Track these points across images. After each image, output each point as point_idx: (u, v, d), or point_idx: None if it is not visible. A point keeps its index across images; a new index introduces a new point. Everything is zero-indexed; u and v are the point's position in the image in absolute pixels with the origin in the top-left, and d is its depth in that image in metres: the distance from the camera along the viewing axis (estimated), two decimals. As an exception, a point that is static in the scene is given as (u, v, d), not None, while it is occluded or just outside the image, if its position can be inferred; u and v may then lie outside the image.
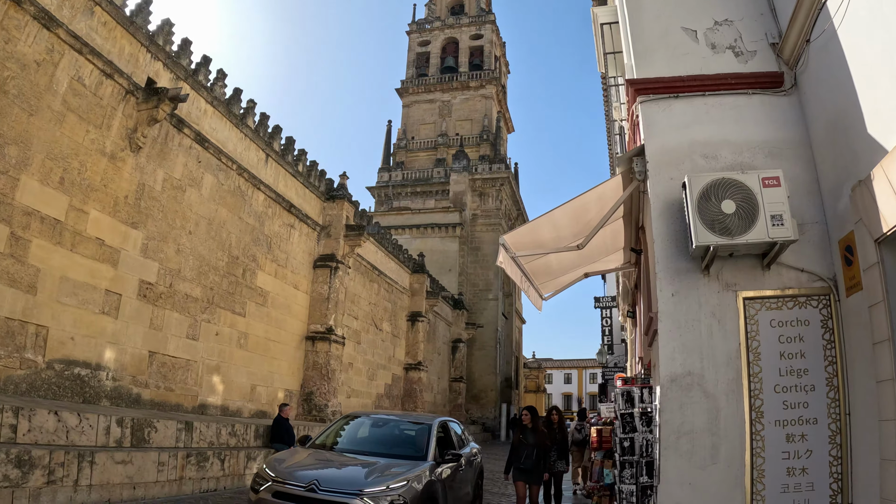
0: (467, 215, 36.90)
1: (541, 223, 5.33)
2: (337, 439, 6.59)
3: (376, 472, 5.37)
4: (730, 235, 4.34)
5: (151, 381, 11.08)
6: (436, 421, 6.67)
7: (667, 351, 4.38)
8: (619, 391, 4.22)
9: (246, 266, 13.80)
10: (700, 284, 4.59)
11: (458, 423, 8.07)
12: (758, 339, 4.48)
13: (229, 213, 13.51)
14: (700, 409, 4.23)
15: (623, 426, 4.17)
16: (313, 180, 16.85)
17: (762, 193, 4.43)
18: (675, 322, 4.47)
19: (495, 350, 35.24)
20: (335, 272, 16.14)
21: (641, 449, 4.02)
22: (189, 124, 12.59)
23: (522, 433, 7.08)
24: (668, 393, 4.27)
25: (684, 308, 4.52)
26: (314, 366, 15.41)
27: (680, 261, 4.66)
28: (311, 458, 5.94)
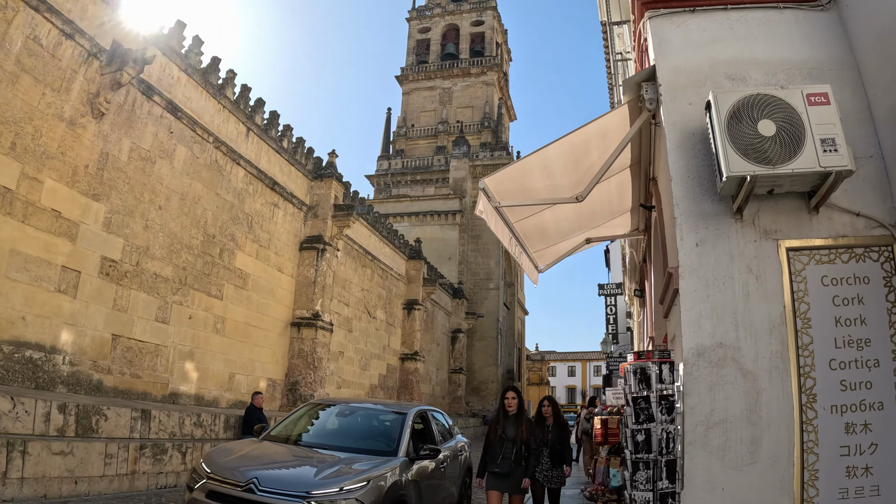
0: (468, 202, 35.86)
1: (531, 165, 4.33)
2: (296, 430, 5.64)
3: (331, 471, 4.42)
4: (770, 164, 3.35)
5: (115, 366, 10.17)
6: (411, 410, 5.71)
7: (691, 316, 3.40)
8: (631, 367, 3.24)
9: (224, 246, 12.85)
10: (731, 232, 3.61)
11: (443, 414, 7.09)
12: (807, 300, 3.49)
13: (205, 189, 12.56)
14: (735, 392, 3.25)
15: (636, 414, 3.17)
16: (300, 158, 15.87)
17: (808, 113, 3.47)
18: (700, 279, 3.49)
19: (496, 341, 34.29)
20: (322, 254, 15.18)
21: (660, 444, 3.03)
22: (160, 92, 11.63)
23: (501, 423, 5.35)
24: (693, 371, 3.28)
25: (712, 261, 3.53)
26: (300, 354, 14.48)
27: (705, 202, 3.68)
28: (259, 452, 4.99)
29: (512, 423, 5.30)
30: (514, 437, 5.22)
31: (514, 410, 5.34)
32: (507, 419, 5.36)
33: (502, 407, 5.42)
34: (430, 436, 5.96)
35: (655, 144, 4.79)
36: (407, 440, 5.21)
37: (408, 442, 5.21)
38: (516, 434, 5.23)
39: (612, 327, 24.54)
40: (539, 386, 62.31)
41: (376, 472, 4.57)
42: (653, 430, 3.06)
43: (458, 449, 6.81)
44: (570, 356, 68.66)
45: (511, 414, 5.40)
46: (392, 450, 5.04)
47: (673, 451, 3.06)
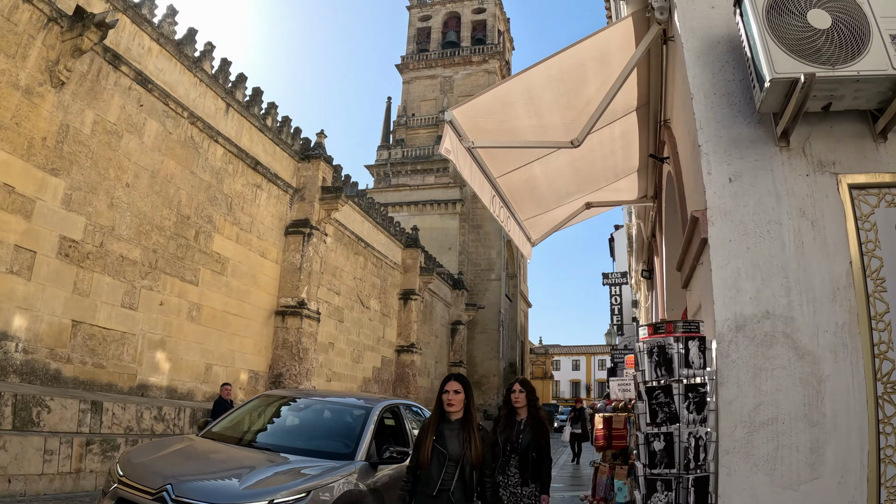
0: (468, 191, 34.86)
1: (513, 93, 3.41)
2: (242, 427, 4.77)
3: (261, 478, 3.55)
4: (827, 64, 2.45)
5: (75, 355, 9.34)
6: (378, 405, 4.81)
7: (726, 275, 2.50)
8: (645, 346, 2.37)
9: (200, 228, 11.99)
10: (775, 163, 2.70)
11: (422, 409, 6.20)
12: (878, 254, 2.58)
13: (179, 167, 11.69)
14: (789, 380, 2.34)
15: (652, 412, 2.23)
16: (285, 137, 14.98)
17: (870, 2, 2.57)
18: (737, 226, 2.58)
19: (498, 333, 33.40)
20: (309, 239, 14.30)
21: (686, 454, 2.10)
22: (128, 61, 10.75)
23: (438, 428, 3.31)
24: (730, 351, 2.38)
25: (752, 202, 2.62)
26: (284, 344, 13.63)
27: (738, 125, 2.77)
28: (188, 452, 4.14)
29: (454, 431, 3.26)
30: (458, 454, 3.20)
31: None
32: (443, 421, 3.31)
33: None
34: (404, 436, 5.07)
35: (668, 74, 3.86)
36: (368, 441, 4.32)
37: (369, 443, 4.32)
38: (460, 447, 3.21)
39: (616, 318, 23.59)
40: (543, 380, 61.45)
41: (322, 479, 3.69)
42: (676, 434, 2.15)
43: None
44: (574, 350, 67.74)
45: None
46: (349, 452, 4.16)
47: (705, 465, 2.16)
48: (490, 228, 34.63)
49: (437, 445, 3.19)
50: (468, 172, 3.74)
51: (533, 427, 4.05)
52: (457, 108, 3.38)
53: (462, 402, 3.33)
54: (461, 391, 3.35)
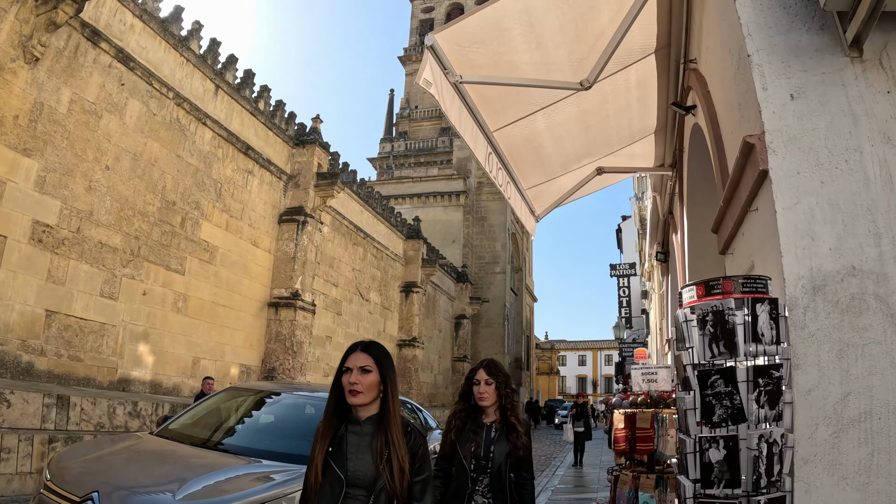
0: (472, 183, 34.21)
1: (509, 12, 2.75)
2: (201, 424, 4.16)
3: (209, 485, 2.93)
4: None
5: (49, 347, 8.78)
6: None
7: (795, 220, 1.85)
8: (694, 313, 1.72)
9: (186, 214, 11.40)
10: (847, 77, 2.05)
11: (422, 410, 5.56)
12: None
13: (163, 149, 11.09)
14: (886, 360, 1.71)
15: (706, 407, 1.60)
16: (279, 122, 14.36)
17: None
18: (806, 154, 1.93)
19: (503, 328, 32.74)
20: (303, 227, 13.70)
21: (757, 465, 1.49)
22: (108, 38, 10.16)
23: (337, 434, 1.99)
24: (805, 321, 1.75)
25: (822, 124, 1.98)
26: (277, 337, 13.05)
27: (795, 31, 2.12)
28: (130, 453, 3.54)
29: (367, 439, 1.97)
30: (367, 481, 1.92)
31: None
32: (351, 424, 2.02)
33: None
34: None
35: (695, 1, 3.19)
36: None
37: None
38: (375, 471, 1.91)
39: (625, 311, 22.87)
40: (549, 375, 60.81)
41: (284, 488, 3.07)
42: (742, 438, 1.51)
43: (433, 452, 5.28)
44: (580, 345, 67.04)
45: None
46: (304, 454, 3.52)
47: (780, 481, 1.51)
48: (494, 221, 33.95)
49: (330, 463, 1.89)
50: (456, 115, 3.10)
51: (508, 434, 2.69)
52: (439, 32, 2.73)
53: (375, 387, 1.95)
54: (372, 368, 1.95)
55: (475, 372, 2.81)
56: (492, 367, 2.83)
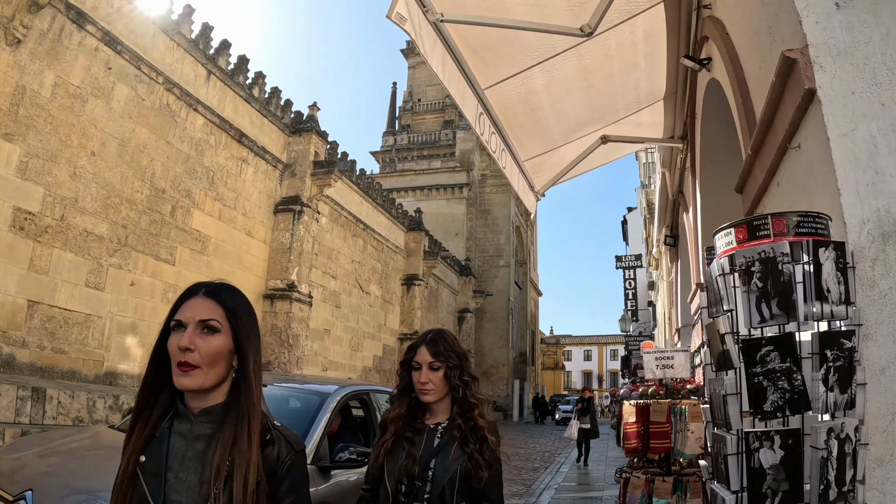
0: (475, 175, 33.76)
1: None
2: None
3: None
4: None
5: (32, 338, 8.45)
6: (338, 392, 3.80)
7: (853, 149, 1.45)
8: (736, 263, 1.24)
9: (177, 202, 11.05)
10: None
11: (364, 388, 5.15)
12: None
13: (153, 136, 10.73)
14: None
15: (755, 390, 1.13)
16: (274, 109, 13.98)
17: None
18: (859, 70, 1.54)
19: (507, 322, 32.34)
20: (299, 217, 13.32)
21: (825, 469, 1.02)
22: (94, 20, 9.80)
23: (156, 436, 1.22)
24: (874, 278, 1.33)
25: (876, 37, 1.58)
26: (273, 330, 12.69)
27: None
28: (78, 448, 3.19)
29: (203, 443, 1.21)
30: None
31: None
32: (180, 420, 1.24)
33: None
34: (374, 428, 4.07)
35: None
36: (317, 438, 3.32)
37: (318, 441, 3.32)
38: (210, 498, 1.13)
39: (631, 303, 22.41)
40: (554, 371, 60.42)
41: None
42: (806, 433, 1.08)
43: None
44: (586, 339, 66.60)
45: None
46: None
47: (854, 492, 1.09)
48: (498, 213, 33.53)
49: (139, 480, 1.17)
50: (438, 62, 2.69)
51: (465, 443, 1.79)
52: (413, -47, 2.32)
53: (222, 359, 1.24)
54: (221, 326, 1.25)
55: (414, 351, 1.85)
56: (438, 341, 1.84)
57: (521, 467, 11.25)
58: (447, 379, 1.82)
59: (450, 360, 1.84)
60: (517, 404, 31.17)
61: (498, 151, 3.72)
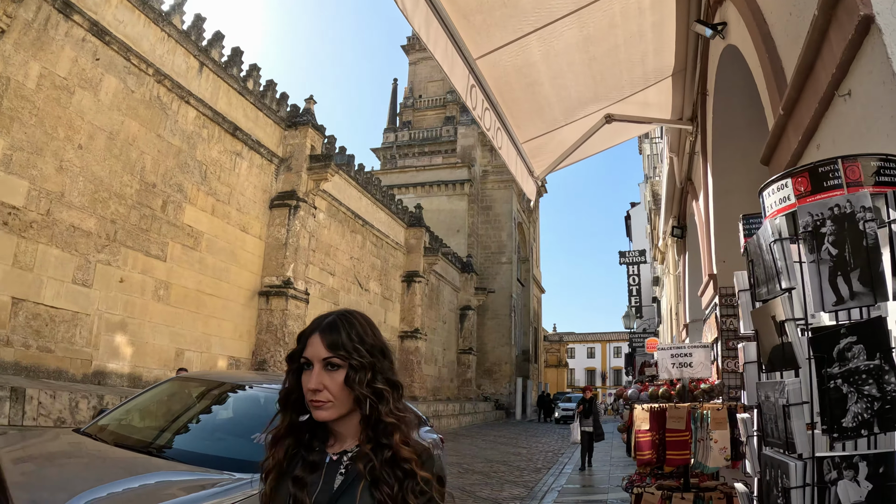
0: (477, 171, 33.42)
1: None
2: (129, 421, 3.50)
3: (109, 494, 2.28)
4: None
5: (16, 337, 8.19)
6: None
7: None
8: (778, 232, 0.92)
9: (168, 197, 10.76)
10: None
11: None
12: None
13: (143, 129, 10.45)
14: None
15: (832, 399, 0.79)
16: (269, 102, 13.68)
17: None
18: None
19: (510, 319, 32.02)
20: (295, 212, 13.03)
21: None
22: (81, 10, 9.52)
23: None
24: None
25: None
26: (268, 328, 12.42)
27: None
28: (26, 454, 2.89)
29: None
30: None
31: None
32: None
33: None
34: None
35: None
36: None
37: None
38: None
39: (635, 299, 22.05)
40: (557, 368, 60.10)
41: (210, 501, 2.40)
42: None
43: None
44: (589, 337, 66.26)
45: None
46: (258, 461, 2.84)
47: None
48: (500, 210, 33.20)
49: None
50: (422, 22, 2.38)
51: (376, 483, 1.15)
52: None
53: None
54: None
55: (304, 341, 1.23)
56: (339, 327, 1.21)
57: (524, 468, 10.94)
58: (350, 383, 1.17)
59: (355, 356, 1.18)
60: (520, 402, 30.86)
61: (493, 130, 3.40)
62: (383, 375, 1.22)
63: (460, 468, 10.48)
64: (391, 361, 1.28)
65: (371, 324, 1.28)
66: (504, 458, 12.42)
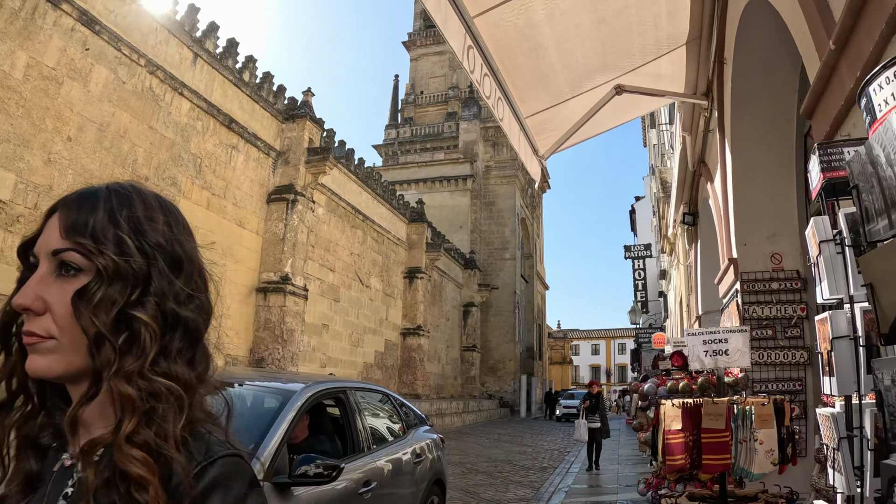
0: (479, 167, 33.09)
1: None
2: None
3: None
4: None
5: (3, 337, 7.91)
6: (306, 390, 3.19)
7: None
8: None
9: (161, 191, 10.16)
10: None
11: (387, 394, 4.59)
12: None
13: (134, 120, 10.17)
14: None
15: None
16: (266, 95, 13.38)
17: None
18: None
19: (514, 315, 31.70)
20: (293, 206, 12.74)
21: None
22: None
23: None
24: None
25: None
26: (266, 325, 12.14)
27: None
28: None
29: None
30: None
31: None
32: None
33: None
34: (353, 434, 3.47)
35: None
36: (273, 448, 2.72)
37: (275, 452, 2.71)
38: None
39: (640, 294, 21.69)
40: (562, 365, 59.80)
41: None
42: None
43: (417, 452, 4.30)
44: (593, 334, 65.89)
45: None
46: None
47: None
48: (503, 205, 32.87)
49: None
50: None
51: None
52: None
53: None
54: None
55: (44, 221, 0.74)
56: (95, 201, 0.75)
57: (529, 467, 10.63)
58: (85, 308, 0.66)
59: (108, 253, 0.68)
60: (524, 400, 30.55)
61: (493, 99, 3.09)
62: (165, 304, 0.69)
63: (464, 468, 10.18)
64: (196, 286, 0.75)
65: (168, 210, 0.76)
66: (509, 457, 12.13)
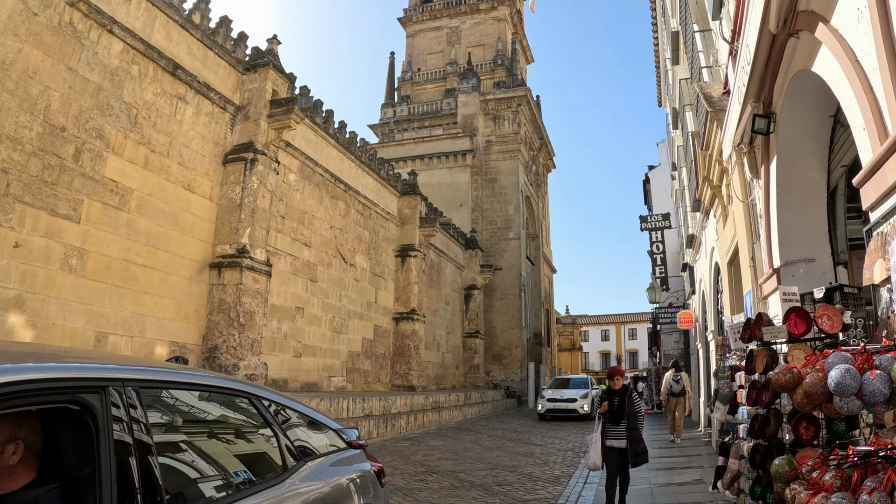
0: (479, 141, 31.09)
1: None
2: None
3: None
4: None
5: None
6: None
7: None
8: None
9: (83, 144, 8.65)
10: None
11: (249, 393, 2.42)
12: None
13: (49, 59, 8.31)
14: None
15: None
16: (223, 41, 11.48)
17: None
18: None
19: (520, 299, 29.81)
20: (252, 166, 10.89)
21: None
22: None
23: None
24: None
25: None
26: (220, 306, 10.34)
27: None
28: None
29: None
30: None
31: None
32: None
33: None
34: (121, 487, 1.58)
35: None
36: None
37: None
38: None
39: (660, 269, 19.67)
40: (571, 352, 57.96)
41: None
42: None
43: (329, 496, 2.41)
44: (603, 319, 63.99)
45: None
46: None
47: None
48: (506, 182, 30.90)
49: None
50: None
51: None
52: None
53: None
54: None
55: None
56: None
57: (537, 477, 8.64)
58: None
59: None
60: (532, 389, 28.70)
61: None
62: None
63: (455, 479, 8.30)
64: None
65: None
66: (513, 461, 10.20)
